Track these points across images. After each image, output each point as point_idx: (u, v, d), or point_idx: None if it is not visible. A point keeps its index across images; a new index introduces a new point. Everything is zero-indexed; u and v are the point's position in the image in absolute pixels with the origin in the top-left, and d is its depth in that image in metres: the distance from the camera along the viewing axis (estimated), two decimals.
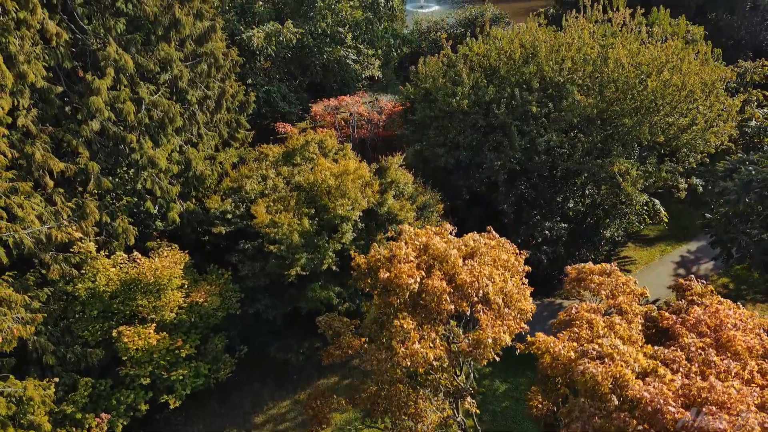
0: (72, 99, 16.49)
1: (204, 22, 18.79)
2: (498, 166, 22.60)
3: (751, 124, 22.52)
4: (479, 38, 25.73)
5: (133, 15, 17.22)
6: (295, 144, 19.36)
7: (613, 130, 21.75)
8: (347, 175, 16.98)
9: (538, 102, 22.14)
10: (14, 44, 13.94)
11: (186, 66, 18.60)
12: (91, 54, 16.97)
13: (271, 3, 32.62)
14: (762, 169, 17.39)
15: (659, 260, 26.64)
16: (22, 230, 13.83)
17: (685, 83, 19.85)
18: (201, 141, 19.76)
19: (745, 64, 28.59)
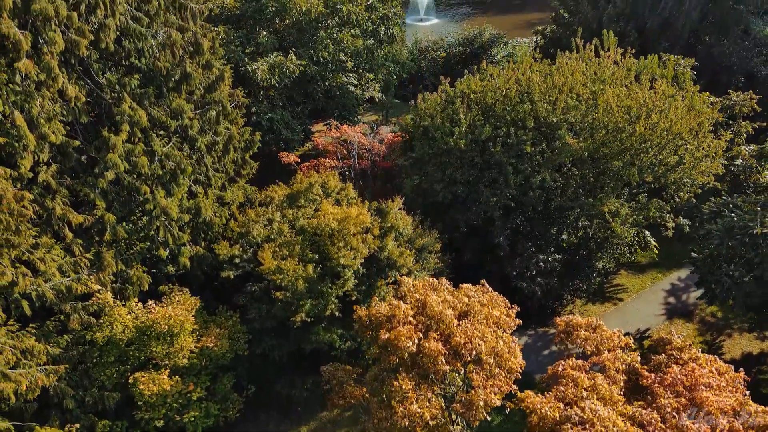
0: (88, 150, 17.38)
1: (212, 71, 19.72)
2: (494, 202, 23.52)
3: (737, 162, 23.38)
4: (476, 74, 26.64)
5: (146, 69, 18.17)
6: (299, 187, 20.27)
7: (604, 168, 22.66)
8: (349, 221, 17.88)
9: (533, 141, 23.08)
10: (36, 108, 14.84)
11: (196, 114, 19.54)
12: (106, 107, 17.92)
13: (274, 33, 33.50)
14: (743, 216, 18.25)
15: (650, 288, 27.52)
16: (44, 284, 14.73)
17: (672, 128, 20.75)
18: (209, 184, 20.70)
19: (735, 95, 29.45)
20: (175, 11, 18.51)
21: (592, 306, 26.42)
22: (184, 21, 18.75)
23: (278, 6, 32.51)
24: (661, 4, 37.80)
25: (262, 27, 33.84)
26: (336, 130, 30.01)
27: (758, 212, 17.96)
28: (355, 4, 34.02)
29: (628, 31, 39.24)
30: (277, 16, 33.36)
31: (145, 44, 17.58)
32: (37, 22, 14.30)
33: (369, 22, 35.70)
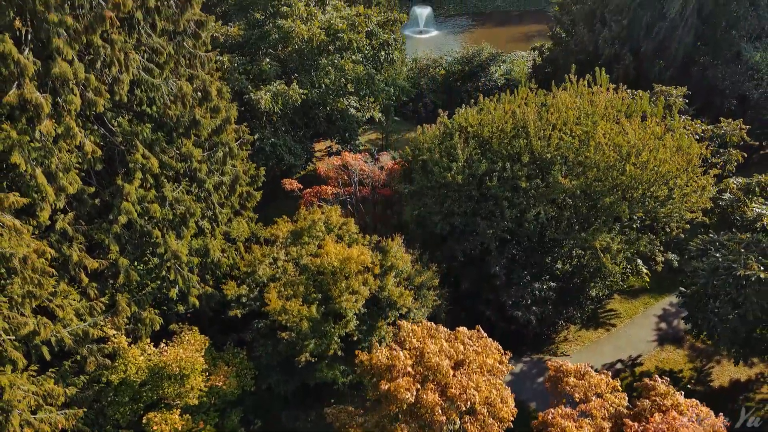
0: (102, 195, 18.22)
1: (220, 115, 20.57)
2: (490, 234, 24.36)
3: (726, 196, 24.21)
4: (473, 106, 27.52)
5: (157, 116, 19.02)
6: (303, 224, 21.11)
7: (596, 202, 23.49)
8: (350, 261, 18.72)
9: (528, 175, 23.92)
10: (55, 162, 15.67)
11: (204, 155, 20.39)
12: (119, 152, 18.77)
13: (276, 59, 34.34)
14: (728, 256, 19.09)
15: (642, 313, 28.36)
16: (63, 329, 15.57)
17: (660, 168, 21.60)
18: (216, 220, 21.56)
19: (725, 124, 30.29)
20: (184, 60, 19.38)
21: (586, 332, 27.26)
22: (193, 69, 19.62)
23: (281, 34, 33.37)
24: (655, 29, 38.63)
25: (265, 54, 34.72)
26: (337, 157, 30.78)
27: (742, 254, 18.78)
28: (355, 32, 34.90)
29: (624, 54, 40.13)
30: (279, 43, 34.23)
31: (157, 94, 18.45)
32: (56, 84, 15.14)
33: (369, 47, 36.57)
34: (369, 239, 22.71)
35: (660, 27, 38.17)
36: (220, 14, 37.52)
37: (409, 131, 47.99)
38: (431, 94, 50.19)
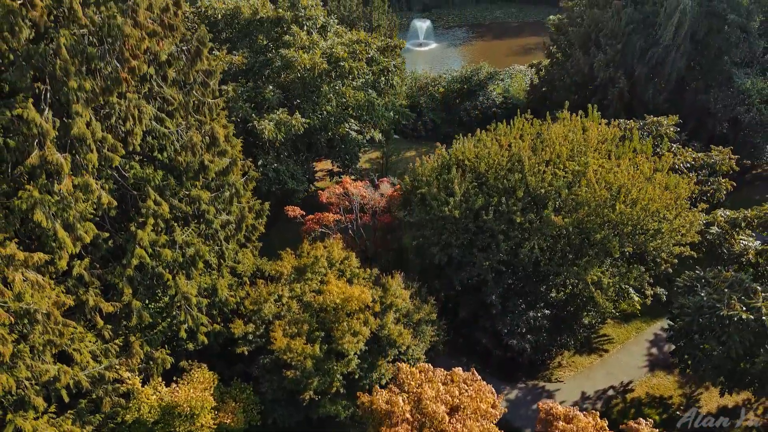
0: (116, 239, 19.12)
1: (227, 157, 21.48)
2: (486, 266, 25.28)
3: (713, 230, 25.10)
4: (470, 139, 28.44)
5: (168, 162, 19.93)
6: (306, 261, 22.03)
7: (588, 235, 24.39)
8: (351, 300, 19.64)
9: (523, 209, 24.84)
10: (73, 215, 16.57)
11: (211, 197, 21.30)
12: (132, 197, 19.69)
13: (279, 87, 35.23)
14: (712, 295, 19.99)
15: (634, 339, 29.25)
16: (80, 372, 16.48)
17: (649, 206, 22.51)
18: (223, 256, 22.49)
19: (715, 153, 31.19)
20: (193, 107, 20.30)
21: (580, 357, 28.15)
22: (201, 115, 20.54)
23: (283, 62, 34.28)
24: (648, 54, 39.57)
25: (268, 81, 35.63)
26: (339, 185, 31.64)
27: (725, 293, 19.68)
28: (356, 59, 35.81)
29: (618, 77, 41.06)
30: (282, 70, 35.12)
31: (167, 141, 19.38)
32: (75, 143, 16.06)
33: (370, 73, 37.48)
34: (369, 272, 23.64)
35: (653, 52, 39.10)
36: (225, 39, 38.41)
37: (409, 150, 48.97)
38: (430, 113, 51.10)
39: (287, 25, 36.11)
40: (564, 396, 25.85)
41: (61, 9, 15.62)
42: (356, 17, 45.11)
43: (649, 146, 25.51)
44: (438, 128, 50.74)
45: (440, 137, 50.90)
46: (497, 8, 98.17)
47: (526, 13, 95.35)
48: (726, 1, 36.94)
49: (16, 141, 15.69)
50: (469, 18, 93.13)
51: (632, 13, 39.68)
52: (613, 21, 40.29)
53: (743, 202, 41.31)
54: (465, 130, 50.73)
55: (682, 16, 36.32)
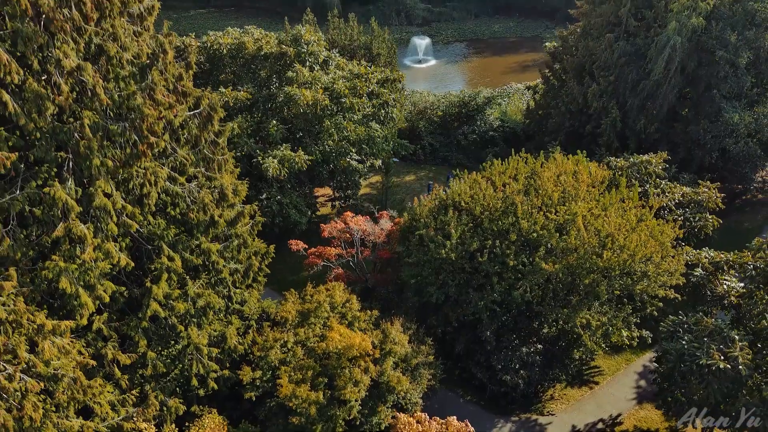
0: (132, 292, 20.34)
1: (235, 209, 22.72)
2: (481, 306, 26.49)
3: (697, 272, 26.29)
4: (466, 180, 29.63)
5: (179, 217, 21.15)
6: (309, 306, 23.26)
7: (577, 279, 25.62)
8: (352, 348, 20.88)
9: (516, 252, 26.03)
10: (93, 277, 17.79)
11: (220, 246, 22.52)
12: (146, 251, 20.91)
13: (283, 121, 36.47)
14: (693, 343, 21.19)
15: (624, 371, 30.47)
16: (101, 424, 17.69)
17: (635, 254, 23.74)
18: (231, 299, 23.74)
19: (703, 191, 32.42)
20: (204, 164, 21.52)
21: (571, 390, 29.36)
22: (212, 171, 21.77)
23: (286, 98, 35.50)
24: (640, 86, 40.80)
25: (272, 116, 36.87)
26: (340, 221, 32.81)
27: (705, 342, 20.89)
28: (356, 95, 37.05)
29: (611, 107, 42.32)
30: (285, 105, 36.34)
31: (179, 199, 20.60)
32: (96, 213, 17.28)
33: (370, 106, 38.70)
34: (370, 314, 24.86)
35: (645, 84, 40.33)
36: (230, 72, 39.64)
37: (408, 174, 50.19)
38: (429, 136, 52.32)
39: (290, 60, 37.35)
40: (556, 429, 27.07)
41: (84, 91, 16.83)
42: (357, 46, 46.29)
43: (636, 194, 26.68)
44: (436, 152, 51.97)
45: (438, 160, 52.36)
46: (496, 22, 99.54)
47: (525, 27, 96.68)
48: (715, 38, 38.17)
49: (41, 210, 16.93)
50: (467, 33, 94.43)
51: (624, 46, 40.93)
52: (606, 53, 41.55)
53: (733, 228, 42.71)
54: (463, 153, 52.35)
55: (672, 52, 37.56)
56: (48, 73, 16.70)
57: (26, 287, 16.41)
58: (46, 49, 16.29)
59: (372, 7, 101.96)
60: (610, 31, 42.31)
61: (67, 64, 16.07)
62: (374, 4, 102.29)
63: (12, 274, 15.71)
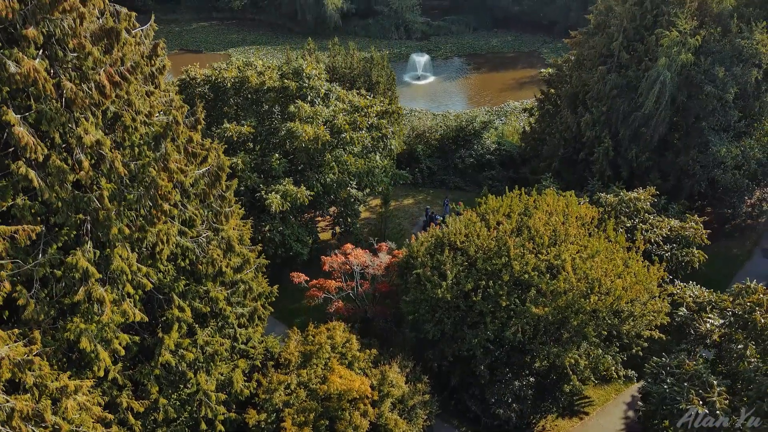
0: (144, 341, 21.57)
1: (240, 256, 23.95)
2: (475, 343, 27.75)
3: (681, 312, 27.54)
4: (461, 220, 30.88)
5: (189, 268, 22.38)
6: (311, 348, 24.50)
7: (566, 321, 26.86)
8: (351, 392, 22.13)
9: (509, 292, 27.28)
10: (110, 333, 19.02)
11: (227, 292, 23.76)
12: (158, 300, 22.14)
13: (285, 155, 37.70)
14: (674, 387, 22.44)
15: (613, 400, 31.69)
16: None
17: (622, 298, 24.99)
18: (236, 339, 24.97)
19: (689, 226, 33.67)
20: (212, 217, 22.76)
21: (562, 421, 30.57)
22: (219, 223, 23.00)
23: (288, 133, 36.73)
24: (631, 117, 42.06)
25: (274, 149, 38.11)
26: (341, 255, 34.02)
27: (685, 387, 22.14)
28: (356, 129, 38.29)
29: (604, 136, 43.56)
30: (287, 139, 37.58)
31: (189, 252, 21.84)
32: (114, 275, 18.51)
33: (369, 138, 39.92)
34: (369, 353, 26.11)
35: (636, 116, 41.59)
36: (234, 105, 40.88)
37: (406, 197, 51.41)
38: (427, 159, 53.57)
39: (292, 94, 38.59)
40: None
41: (102, 160, 18.06)
42: (356, 74, 47.55)
43: (622, 237, 27.91)
44: (434, 175, 53.23)
45: (436, 183, 53.62)
46: (494, 37, 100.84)
47: (522, 42, 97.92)
48: (703, 72, 39.41)
49: (61, 271, 18.15)
50: (466, 47, 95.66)
51: (616, 78, 42.18)
52: (599, 85, 42.80)
53: (723, 253, 43.95)
54: (460, 176, 53.56)
55: (662, 86, 38.81)
56: (69, 146, 17.95)
57: (49, 347, 17.64)
58: (67, 124, 17.52)
59: (371, 21, 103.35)
60: (603, 62, 43.55)
61: (88, 140, 17.28)
62: (374, 17, 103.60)
63: (36, 336, 16.93)
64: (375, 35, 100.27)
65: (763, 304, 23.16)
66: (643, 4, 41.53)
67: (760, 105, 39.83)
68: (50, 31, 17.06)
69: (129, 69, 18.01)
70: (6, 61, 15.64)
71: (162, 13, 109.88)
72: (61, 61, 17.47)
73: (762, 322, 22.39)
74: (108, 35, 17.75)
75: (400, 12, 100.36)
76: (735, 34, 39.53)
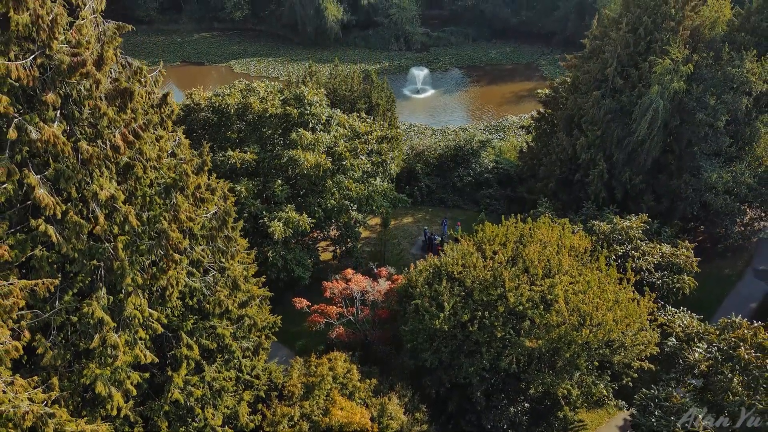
0: (154, 378, 22.55)
1: (245, 292, 24.94)
2: (471, 371, 28.74)
3: (670, 342, 28.52)
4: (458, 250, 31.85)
5: (197, 307, 23.37)
6: (314, 380, 25.48)
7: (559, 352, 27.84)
8: (352, 425, 23.12)
9: (504, 322, 28.26)
10: (123, 374, 19.99)
11: (233, 327, 24.74)
12: (167, 338, 23.12)
13: (287, 182, 38.66)
14: (661, 421, 23.42)
15: (606, 424, 32.69)
16: None
17: (612, 330, 25.98)
18: (240, 370, 25.95)
19: (680, 252, 34.65)
20: (219, 255, 23.75)
21: None
22: (225, 262, 23.99)
23: (290, 161, 37.70)
24: (625, 141, 43.04)
25: (276, 175, 39.06)
26: (342, 281, 35.02)
27: (671, 421, 23.13)
28: (356, 156, 39.27)
29: (598, 159, 44.54)
30: (289, 166, 38.54)
31: (197, 292, 22.82)
32: (127, 321, 19.50)
33: (369, 163, 40.90)
34: (369, 383, 27.10)
35: (629, 141, 42.56)
36: (237, 130, 41.84)
37: (406, 216, 52.40)
38: (426, 178, 54.58)
39: (294, 121, 39.56)
40: None
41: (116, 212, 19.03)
42: (357, 96, 48.54)
43: (614, 270, 28.88)
44: (433, 193, 54.24)
45: (435, 201, 54.61)
46: (492, 47, 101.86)
47: (520, 53, 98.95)
48: (695, 100, 40.40)
49: (77, 317, 19.13)
50: (465, 59, 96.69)
51: (610, 103, 43.15)
52: (593, 110, 43.77)
53: (715, 274, 44.94)
54: (459, 195, 54.55)
55: (654, 113, 39.80)
56: (84, 198, 18.93)
57: (66, 391, 18.63)
58: (83, 179, 18.50)
59: (371, 32, 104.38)
60: (597, 87, 44.54)
61: (103, 195, 18.26)
62: (374, 29, 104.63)
63: (54, 382, 17.94)
64: (375, 46, 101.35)
65: (746, 339, 24.13)
66: (637, 31, 42.51)
67: (751, 131, 40.78)
68: (67, 93, 18.07)
69: (142, 126, 19.00)
70: (28, 127, 16.63)
71: (163, 24, 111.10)
72: (78, 119, 18.46)
73: (746, 358, 23.37)
74: (122, 95, 18.75)
75: (400, 23, 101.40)
76: (726, 62, 40.50)
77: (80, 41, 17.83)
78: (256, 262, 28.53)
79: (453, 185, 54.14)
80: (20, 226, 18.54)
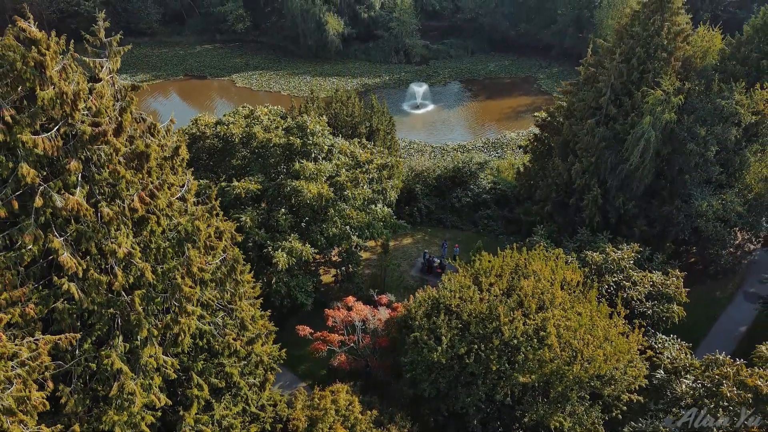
0: (166, 416, 23.77)
1: (252, 331, 26.17)
2: (468, 402, 29.99)
3: (658, 375, 29.76)
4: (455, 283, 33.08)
5: (206, 347, 24.61)
6: (318, 413, 26.73)
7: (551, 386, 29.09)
8: None
9: (499, 355, 29.50)
10: (138, 418, 21.22)
11: (241, 363, 25.98)
12: (178, 378, 24.34)
13: (290, 210, 39.90)
14: None
15: None
16: None
17: (602, 366, 27.22)
18: (247, 402, 27.20)
19: (671, 281, 35.88)
20: (228, 298, 24.99)
21: None
22: (233, 303, 25.24)
23: (293, 189, 38.92)
24: (618, 168, 44.27)
25: (280, 204, 40.30)
26: (344, 310, 36.22)
27: None
28: (357, 186, 40.50)
29: (593, 185, 45.78)
30: (292, 195, 39.76)
31: (207, 334, 24.06)
32: (143, 368, 20.73)
33: (370, 191, 42.13)
34: (370, 414, 28.33)
35: (622, 168, 43.79)
36: (241, 157, 43.05)
37: (405, 237, 53.64)
38: (425, 198, 55.80)
39: (297, 151, 40.80)
40: None
41: (134, 268, 20.28)
42: (357, 121, 49.78)
43: (604, 307, 30.11)
44: (432, 214, 55.44)
45: (434, 222, 55.81)
46: (491, 60, 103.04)
47: (519, 66, 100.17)
48: (686, 130, 41.65)
49: (95, 364, 20.36)
50: (464, 72, 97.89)
51: (604, 131, 44.39)
52: (588, 137, 45.01)
53: (705, 296, 46.17)
54: (457, 215, 55.77)
55: (646, 143, 41.04)
56: (103, 252, 20.17)
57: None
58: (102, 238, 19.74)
59: (372, 45, 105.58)
60: (592, 115, 45.77)
61: (121, 252, 19.51)
62: (374, 42, 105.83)
63: (76, 430, 19.17)
64: (375, 59, 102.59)
65: (729, 377, 25.36)
66: (630, 62, 43.75)
67: (740, 160, 41.99)
68: (88, 156, 19.31)
69: (158, 186, 20.24)
70: (53, 195, 17.87)
71: (166, 36, 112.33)
72: (97, 181, 19.69)
73: (728, 395, 24.59)
74: (139, 157, 20.00)
75: (400, 36, 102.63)
76: (716, 93, 41.74)
77: (100, 109, 19.09)
78: (258, 285, 29.68)
79: (452, 206, 55.36)
80: (42, 280, 19.81)
